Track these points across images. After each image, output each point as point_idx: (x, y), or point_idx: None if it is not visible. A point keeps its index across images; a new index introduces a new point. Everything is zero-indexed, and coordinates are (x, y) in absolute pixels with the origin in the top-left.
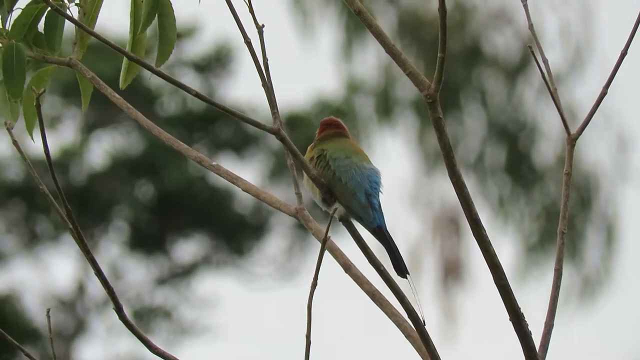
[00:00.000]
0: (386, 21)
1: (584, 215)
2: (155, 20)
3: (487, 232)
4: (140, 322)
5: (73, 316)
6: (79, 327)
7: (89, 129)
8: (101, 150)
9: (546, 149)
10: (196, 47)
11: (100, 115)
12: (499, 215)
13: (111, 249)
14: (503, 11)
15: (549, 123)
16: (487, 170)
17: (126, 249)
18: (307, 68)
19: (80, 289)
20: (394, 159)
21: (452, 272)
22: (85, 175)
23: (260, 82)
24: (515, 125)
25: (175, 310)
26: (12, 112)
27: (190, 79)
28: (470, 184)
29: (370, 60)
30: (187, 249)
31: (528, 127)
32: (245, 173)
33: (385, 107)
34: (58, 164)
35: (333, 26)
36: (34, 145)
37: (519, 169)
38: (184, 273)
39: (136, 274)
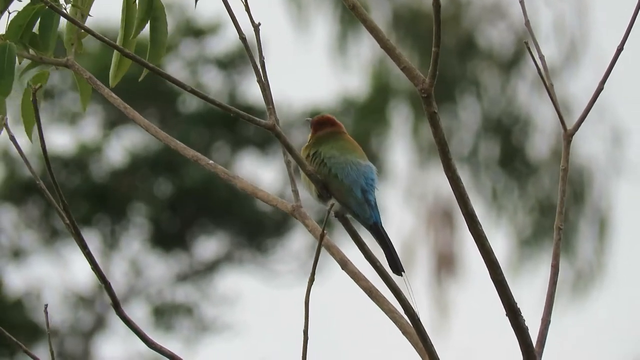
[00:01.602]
0: (381, 14)
1: (577, 208)
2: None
3: (483, 227)
4: (161, 318)
5: (92, 313)
6: (98, 324)
7: (109, 125)
8: (121, 147)
9: (540, 143)
10: (219, 44)
11: (121, 112)
12: (492, 208)
13: (132, 246)
14: (497, 5)
15: (542, 117)
16: (481, 163)
17: (147, 245)
18: (302, 61)
19: (100, 286)
20: (387, 152)
21: (445, 265)
22: (105, 172)
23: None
24: (509, 119)
25: (196, 307)
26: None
27: (213, 76)
28: (464, 177)
29: (365, 53)
30: (208, 246)
31: (522, 121)
32: (267, 170)
33: (380, 100)
34: (78, 161)
35: (328, 19)
36: (52, 142)
37: (513, 162)
38: (205, 270)
39: (157, 271)
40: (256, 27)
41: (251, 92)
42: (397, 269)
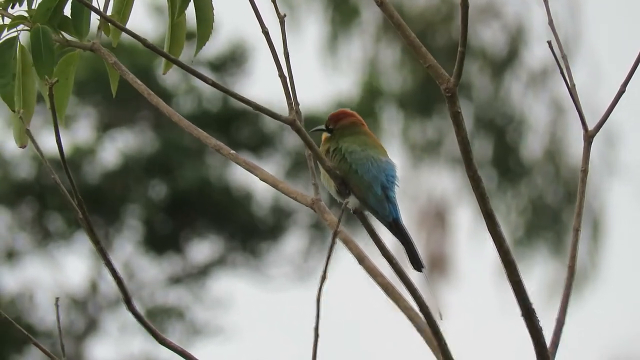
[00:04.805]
0: (371, 16)
1: (570, 209)
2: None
3: (501, 228)
4: (153, 321)
5: (85, 315)
6: (91, 326)
7: (103, 128)
8: (115, 149)
9: (533, 143)
10: (211, 47)
11: (115, 115)
12: None
13: (125, 248)
14: (491, 5)
15: (536, 117)
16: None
17: (140, 248)
18: (293, 61)
19: (93, 288)
20: None
21: (437, 266)
22: (99, 174)
23: (277, 76)
24: (503, 119)
25: (189, 310)
26: (45, 97)
27: None
28: (457, 177)
29: (355, 53)
30: (201, 249)
31: (515, 121)
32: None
33: (370, 102)
34: (71, 163)
35: (319, 20)
36: (44, 144)
37: (506, 162)
38: (198, 273)
39: (150, 273)
40: (281, 19)
41: (244, 94)
42: (418, 265)
